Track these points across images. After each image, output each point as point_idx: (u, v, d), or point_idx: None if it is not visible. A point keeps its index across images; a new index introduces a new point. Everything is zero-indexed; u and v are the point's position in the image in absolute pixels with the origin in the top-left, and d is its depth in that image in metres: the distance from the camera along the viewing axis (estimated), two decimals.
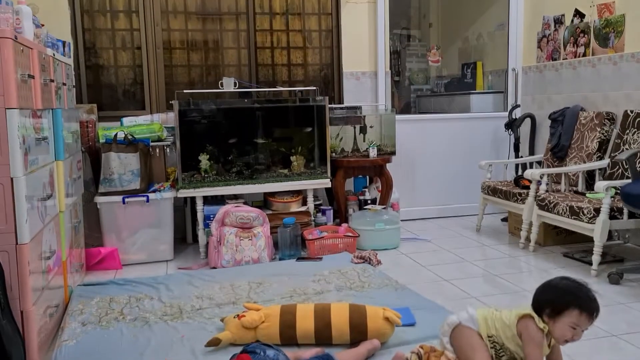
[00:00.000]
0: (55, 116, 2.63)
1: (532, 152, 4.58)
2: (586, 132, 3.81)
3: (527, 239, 3.66)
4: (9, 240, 2.01)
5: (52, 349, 2.25)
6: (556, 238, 3.78)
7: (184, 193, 3.58)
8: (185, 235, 4.08)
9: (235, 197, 3.84)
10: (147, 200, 3.47)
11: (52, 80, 2.58)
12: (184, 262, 3.56)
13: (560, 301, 1.73)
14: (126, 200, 3.43)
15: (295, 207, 3.85)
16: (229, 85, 3.86)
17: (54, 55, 2.71)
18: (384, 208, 3.98)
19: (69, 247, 2.83)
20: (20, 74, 2.06)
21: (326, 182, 3.87)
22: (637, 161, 3.33)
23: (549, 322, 1.75)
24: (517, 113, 4.64)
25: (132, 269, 3.41)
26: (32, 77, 2.23)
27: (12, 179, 2.01)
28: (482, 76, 5.22)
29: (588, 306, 1.73)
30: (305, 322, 2.16)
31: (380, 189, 4.20)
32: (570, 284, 1.78)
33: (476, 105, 4.90)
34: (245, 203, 3.73)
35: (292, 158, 3.95)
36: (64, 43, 3.14)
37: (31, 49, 2.27)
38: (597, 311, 1.74)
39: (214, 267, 3.37)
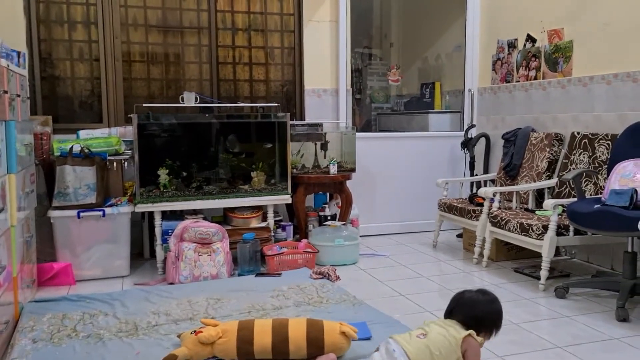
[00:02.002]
0: (8, 128, 2.57)
1: (486, 170, 4.72)
2: (536, 152, 3.97)
3: (481, 255, 3.77)
4: None
5: None
6: (508, 254, 3.90)
7: (142, 208, 3.54)
8: (143, 250, 4.01)
9: (194, 212, 3.81)
10: (103, 215, 3.41)
11: (5, 92, 2.52)
12: (141, 278, 3.51)
13: (498, 323, 1.94)
14: (81, 214, 3.36)
15: (255, 223, 3.85)
16: (189, 99, 3.85)
17: (8, 66, 2.65)
18: (344, 224, 4.03)
19: (20, 263, 2.75)
20: None
21: (286, 198, 3.89)
22: (583, 181, 3.49)
23: (484, 338, 1.92)
24: (473, 132, 4.79)
25: (87, 284, 3.34)
26: None
27: None
28: (440, 96, 5.37)
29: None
30: (262, 337, 2.16)
31: (340, 205, 4.24)
32: (490, 300, 1.97)
33: (434, 124, 5.03)
34: (204, 218, 3.71)
35: (253, 174, 3.96)
36: (18, 53, 3.08)
37: None
38: None
39: (172, 283, 3.32)
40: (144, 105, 3.80)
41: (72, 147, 3.44)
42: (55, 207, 3.37)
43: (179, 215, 3.73)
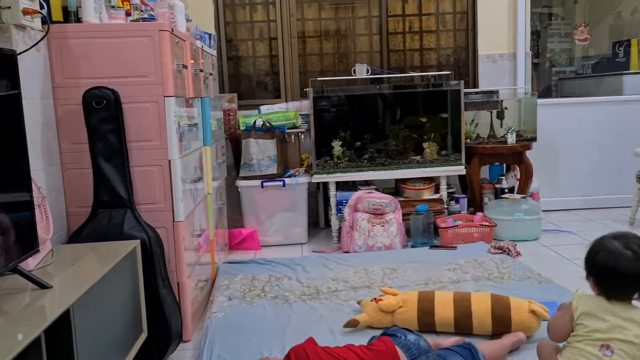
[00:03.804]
0: (204, 104, 2.81)
1: None
2: None
3: None
4: (167, 218, 2.19)
5: (203, 319, 2.42)
6: None
7: (318, 178, 3.67)
8: (318, 220, 4.17)
9: (366, 183, 3.85)
10: (284, 185, 3.60)
11: (201, 70, 2.75)
12: (318, 246, 3.65)
13: None
14: (264, 184, 3.59)
15: (427, 195, 3.77)
16: (361, 71, 3.86)
17: (202, 47, 2.89)
18: (523, 197, 3.77)
19: (215, 227, 3.02)
20: (175, 64, 2.22)
21: (460, 169, 3.75)
22: None
23: None
24: None
25: (270, 250, 3.57)
26: (185, 67, 2.39)
27: (169, 161, 2.18)
28: (637, 55, 4.71)
29: None
30: (444, 310, 2.11)
31: (518, 177, 3.97)
32: None
33: (630, 86, 4.43)
34: (376, 189, 3.73)
35: (425, 144, 3.87)
36: (210, 35, 3.34)
37: (184, 41, 2.44)
38: None
39: (347, 252, 3.41)
40: (318, 79, 3.90)
41: (255, 121, 3.68)
42: (242, 177, 3.64)
43: (352, 186, 3.80)
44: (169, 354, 2.09)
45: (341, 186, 3.80)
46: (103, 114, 2.04)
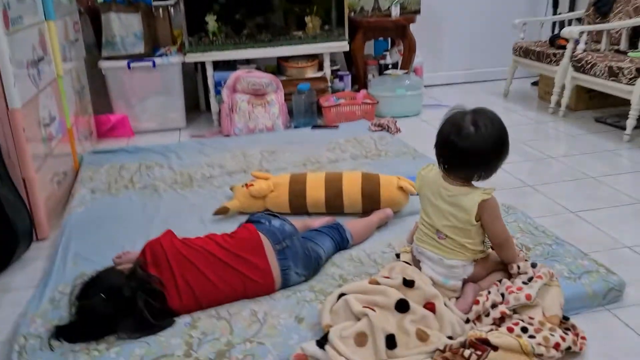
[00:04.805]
0: None
1: (572, 8, 4.15)
2: None
3: (558, 104, 3.43)
4: None
5: (63, 215, 2.23)
6: (589, 102, 3.54)
7: (192, 58, 3.38)
8: (199, 102, 3.94)
9: (247, 62, 3.62)
10: (154, 66, 3.29)
11: None
12: (197, 130, 3.47)
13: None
14: (131, 65, 3.25)
15: (310, 73, 3.64)
16: None
17: None
18: (406, 73, 3.74)
19: (74, 114, 2.72)
20: None
21: (343, 45, 3.60)
22: None
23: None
24: None
25: (144, 137, 3.33)
26: None
27: None
28: None
29: None
30: (315, 192, 2.07)
31: (402, 52, 3.91)
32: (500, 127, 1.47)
33: None
34: (257, 68, 3.53)
35: (307, 19, 3.64)
36: None
37: None
38: None
39: (227, 135, 3.27)
40: None
41: None
42: (105, 57, 3.27)
43: (232, 66, 3.56)
44: (19, 254, 1.92)
45: (220, 66, 3.55)
46: None
